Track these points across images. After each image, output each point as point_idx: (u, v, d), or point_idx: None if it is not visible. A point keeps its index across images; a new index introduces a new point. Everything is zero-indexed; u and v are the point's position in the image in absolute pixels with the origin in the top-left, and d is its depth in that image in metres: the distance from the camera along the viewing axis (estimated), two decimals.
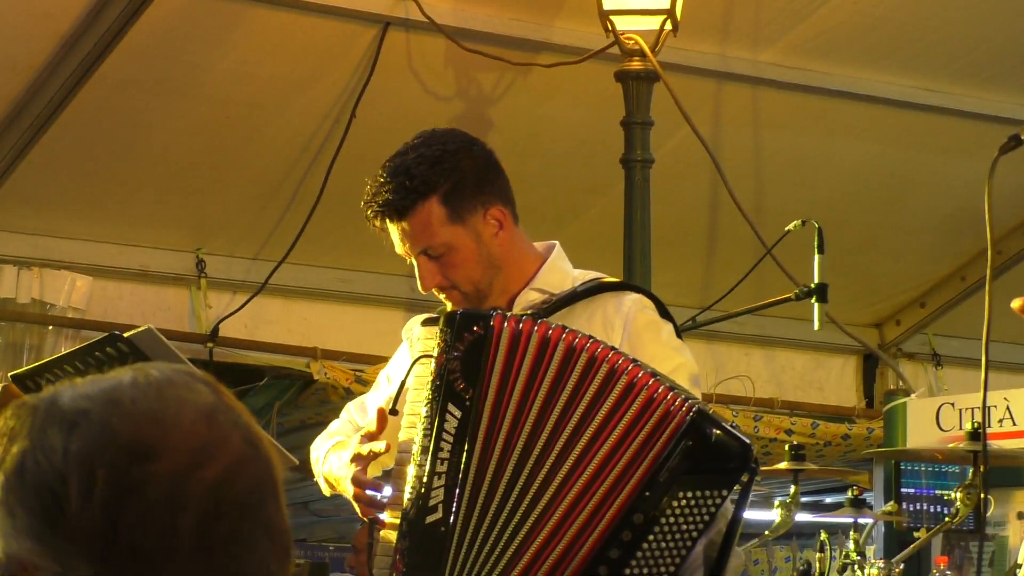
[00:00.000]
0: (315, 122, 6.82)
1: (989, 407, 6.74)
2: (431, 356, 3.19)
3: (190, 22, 6.32)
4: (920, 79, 7.23)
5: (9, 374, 4.01)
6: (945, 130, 7.48)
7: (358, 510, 3.33)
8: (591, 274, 3.57)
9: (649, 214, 6.26)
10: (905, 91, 7.25)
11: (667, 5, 6.16)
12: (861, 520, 6.35)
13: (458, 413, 3.12)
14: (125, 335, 3.77)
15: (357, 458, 3.31)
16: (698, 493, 2.98)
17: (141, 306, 7.26)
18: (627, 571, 2.98)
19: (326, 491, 3.52)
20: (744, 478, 3.02)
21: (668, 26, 6.19)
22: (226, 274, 7.36)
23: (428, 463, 3.10)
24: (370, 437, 3.31)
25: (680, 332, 3.51)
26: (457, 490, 3.06)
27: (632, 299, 3.45)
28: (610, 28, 6.22)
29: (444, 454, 3.10)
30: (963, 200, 7.84)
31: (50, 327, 7.10)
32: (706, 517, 2.97)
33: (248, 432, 1.60)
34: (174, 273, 7.31)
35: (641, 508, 2.98)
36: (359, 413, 3.62)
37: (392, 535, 3.16)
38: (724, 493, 2.99)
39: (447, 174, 3.43)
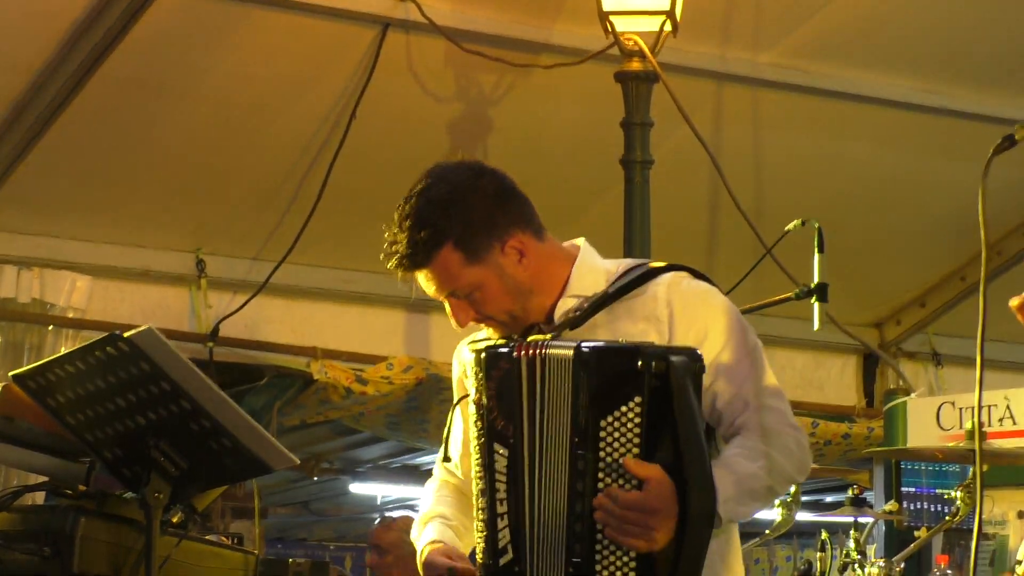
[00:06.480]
0: (315, 123, 6.82)
1: (990, 406, 6.74)
2: (468, 398, 3.31)
3: (191, 23, 6.33)
4: (919, 80, 7.23)
5: (10, 374, 4.00)
6: (945, 131, 7.47)
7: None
8: (624, 263, 3.54)
9: (649, 214, 6.27)
10: (905, 92, 7.25)
11: (667, 6, 6.17)
12: (862, 519, 6.36)
13: (504, 451, 3.21)
14: (125, 335, 3.76)
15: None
16: (615, 414, 3.05)
17: (141, 306, 7.26)
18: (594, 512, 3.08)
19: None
20: (653, 382, 3.02)
21: (668, 27, 6.19)
22: (226, 274, 7.36)
23: (487, 505, 3.22)
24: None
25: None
26: (520, 530, 3.18)
27: (667, 281, 3.43)
28: (610, 29, 6.23)
29: (501, 495, 3.20)
30: (963, 200, 7.80)
31: (50, 327, 7.11)
32: (636, 430, 3.01)
33: None
34: (174, 273, 7.32)
35: (579, 456, 3.09)
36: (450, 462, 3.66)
37: None
38: (637, 399, 3.02)
39: (456, 218, 3.36)
